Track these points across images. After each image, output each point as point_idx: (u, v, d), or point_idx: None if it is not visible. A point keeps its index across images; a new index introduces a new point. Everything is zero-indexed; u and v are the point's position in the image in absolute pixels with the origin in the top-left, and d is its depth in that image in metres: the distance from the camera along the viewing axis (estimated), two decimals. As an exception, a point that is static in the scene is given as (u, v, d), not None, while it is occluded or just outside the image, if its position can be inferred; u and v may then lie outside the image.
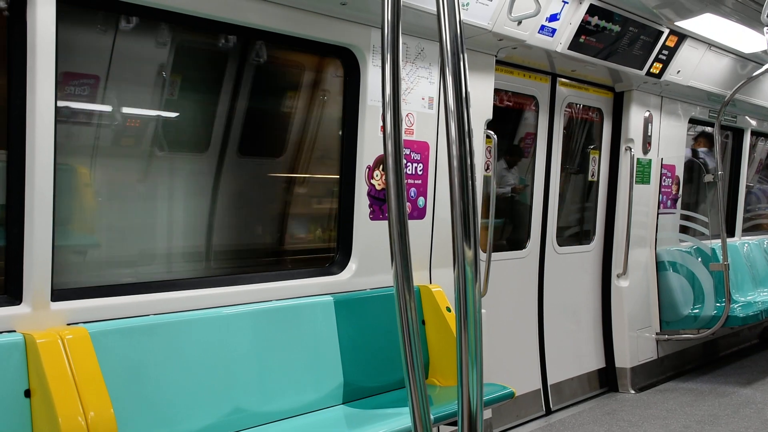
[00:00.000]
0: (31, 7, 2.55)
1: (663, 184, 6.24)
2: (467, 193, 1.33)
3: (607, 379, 5.96)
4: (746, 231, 8.10)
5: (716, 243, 6.43)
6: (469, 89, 1.38)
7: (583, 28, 4.61)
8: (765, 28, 4.75)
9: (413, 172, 3.97)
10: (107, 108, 3.59)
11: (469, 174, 1.34)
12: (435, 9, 1.38)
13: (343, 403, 3.46)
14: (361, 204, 3.75)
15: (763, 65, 5.82)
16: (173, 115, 3.95)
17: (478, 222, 1.40)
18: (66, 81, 3.19)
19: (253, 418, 3.10)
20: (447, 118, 1.34)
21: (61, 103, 3.00)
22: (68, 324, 2.69)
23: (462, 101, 1.33)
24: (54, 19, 2.59)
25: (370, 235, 3.76)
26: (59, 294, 2.72)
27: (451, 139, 1.34)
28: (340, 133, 3.85)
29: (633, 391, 5.88)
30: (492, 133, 4.38)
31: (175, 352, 2.90)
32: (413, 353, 1.42)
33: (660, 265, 6.25)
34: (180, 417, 2.85)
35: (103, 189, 3.62)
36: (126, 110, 3.74)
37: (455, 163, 1.33)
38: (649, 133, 5.99)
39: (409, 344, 1.42)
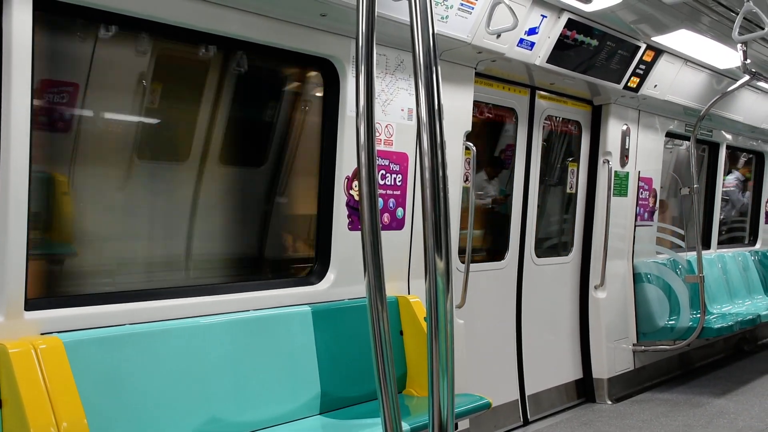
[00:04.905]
0: (6, 13, 2.54)
1: (640, 196, 6.31)
2: (439, 204, 1.34)
3: (584, 390, 6.00)
4: (722, 243, 8.21)
5: (692, 255, 6.51)
6: (442, 101, 1.38)
7: (561, 42, 4.66)
8: (738, 45, 4.84)
9: (392, 183, 3.98)
10: (86, 115, 3.57)
11: (442, 186, 1.35)
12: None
13: (320, 414, 3.45)
14: (340, 214, 3.75)
15: (738, 81, 5.92)
16: (153, 123, 3.93)
17: (450, 233, 1.41)
18: (44, 88, 3.17)
19: (230, 429, 3.08)
20: (420, 130, 1.35)
21: (37, 110, 2.98)
22: (42, 333, 2.66)
23: (434, 113, 1.34)
24: (31, 26, 2.57)
25: (348, 245, 3.76)
26: (33, 303, 2.69)
27: (423, 151, 1.35)
28: (320, 143, 3.86)
29: (610, 402, 5.91)
30: (471, 144, 4.41)
31: (151, 363, 2.87)
32: (385, 364, 1.43)
33: (637, 277, 6.31)
34: (156, 428, 2.83)
35: (81, 197, 3.59)
36: (105, 118, 3.71)
37: (427, 174, 1.34)
38: (627, 146, 6.06)
39: (381, 355, 1.42)
